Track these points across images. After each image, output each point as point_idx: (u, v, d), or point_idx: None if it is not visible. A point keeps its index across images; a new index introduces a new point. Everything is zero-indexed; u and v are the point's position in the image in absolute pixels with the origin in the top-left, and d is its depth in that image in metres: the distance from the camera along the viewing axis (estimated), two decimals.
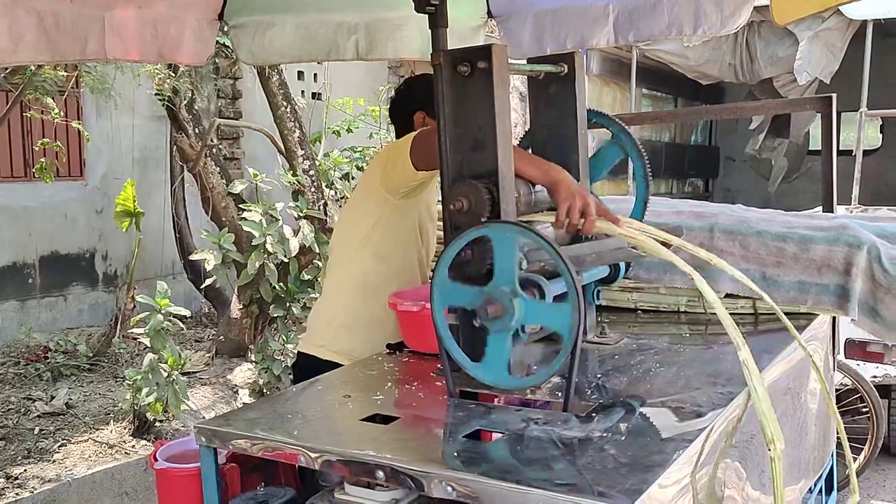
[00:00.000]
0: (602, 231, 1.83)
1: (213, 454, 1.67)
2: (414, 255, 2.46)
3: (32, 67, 4.58)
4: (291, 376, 2.65)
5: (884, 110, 6.27)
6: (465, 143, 1.78)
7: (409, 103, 2.53)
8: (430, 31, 2.52)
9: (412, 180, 2.24)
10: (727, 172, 9.32)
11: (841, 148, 8.40)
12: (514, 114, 7.31)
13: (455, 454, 1.49)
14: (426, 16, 2.49)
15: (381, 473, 1.43)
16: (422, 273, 2.49)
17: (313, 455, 1.52)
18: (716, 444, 1.60)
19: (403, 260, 2.43)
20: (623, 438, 1.54)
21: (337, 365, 2.24)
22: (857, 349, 4.20)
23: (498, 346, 1.67)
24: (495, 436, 1.63)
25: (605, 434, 1.53)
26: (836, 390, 3.94)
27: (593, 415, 1.64)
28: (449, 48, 1.87)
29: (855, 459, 4.18)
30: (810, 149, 8.13)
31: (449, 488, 1.36)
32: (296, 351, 2.83)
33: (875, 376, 4.26)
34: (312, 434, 1.62)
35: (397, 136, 2.58)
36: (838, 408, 3.99)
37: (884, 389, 4.32)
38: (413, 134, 2.25)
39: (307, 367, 2.33)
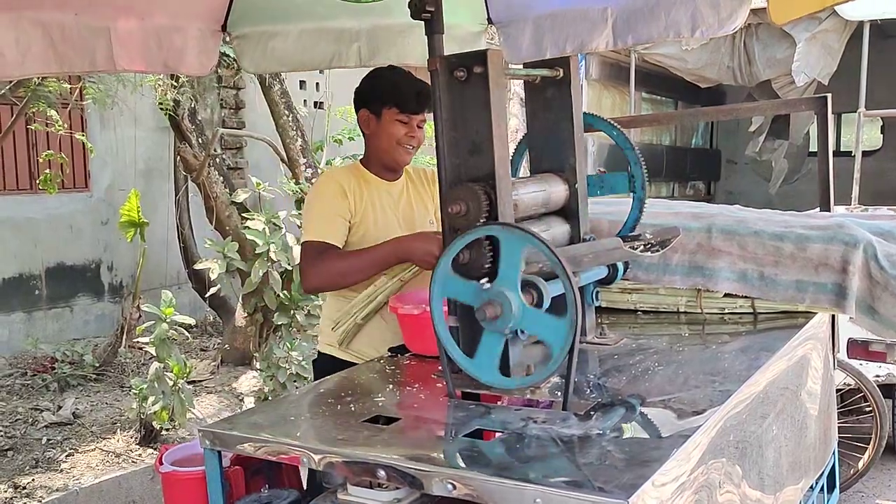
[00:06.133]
0: None
1: (218, 457, 1.69)
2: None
3: (37, 80, 4.63)
4: (312, 374, 2.73)
5: (882, 111, 6.28)
6: (462, 147, 1.81)
7: (362, 96, 2.48)
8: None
9: None
10: (729, 175, 9.31)
11: (842, 149, 8.42)
12: (515, 119, 7.32)
13: (455, 453, 1.52)
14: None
15: (382, 473, 1.45)
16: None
17: (316, 457, 1.54)
18: (714, 442, 1.62)
19: None
20: (621, 436, 1.56)
21: (350, 363, 2.31)
22: (859, 349, 4.20)
23: (491, 345, 1.70)
24: (496, 435, 1.65)
25: (603, 432, 1.55)
26: (839, 390, 3.95)
27: (592, 413, 1.65)
28: (449, 54, 1.89)
29: (859, 459, 4.18)
30: (811, 150, 8.12)
31: (449, 486, 1.38)
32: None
33: (878, 376, 4.26)
34: (315, 436, 1.64)
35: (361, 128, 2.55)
36: (841, 408, 4.00)
37: (887, 389, 4.32)
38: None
39: (323, 366, 2.42)
